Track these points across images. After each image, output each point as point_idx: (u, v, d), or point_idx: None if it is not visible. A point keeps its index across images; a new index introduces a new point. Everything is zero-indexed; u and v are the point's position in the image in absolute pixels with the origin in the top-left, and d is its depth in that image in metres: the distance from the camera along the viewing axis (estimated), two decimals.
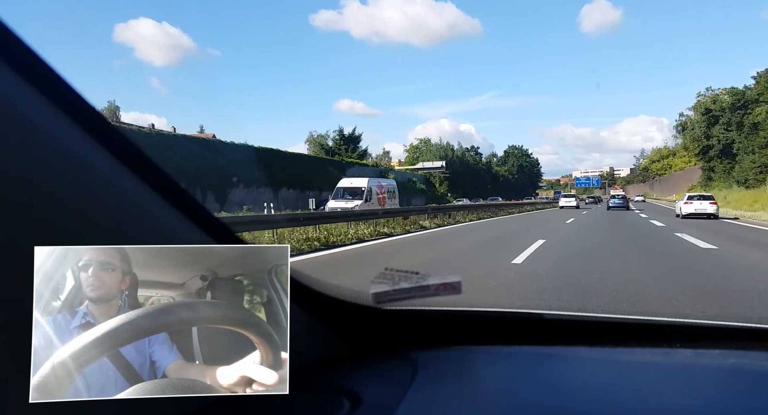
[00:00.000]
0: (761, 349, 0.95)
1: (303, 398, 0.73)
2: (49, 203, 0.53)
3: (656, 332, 1.03)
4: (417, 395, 0.76)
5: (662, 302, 4.76)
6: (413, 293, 0.88)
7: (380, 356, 0.94)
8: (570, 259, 8.32)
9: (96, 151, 0.58)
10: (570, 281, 5.88)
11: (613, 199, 35.31)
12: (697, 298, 4.95)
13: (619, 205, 33.10)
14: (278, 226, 10.73)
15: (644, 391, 0.78)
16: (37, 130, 0.52)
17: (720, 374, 0.86)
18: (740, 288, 5.58)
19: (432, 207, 22.58)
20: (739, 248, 9.92)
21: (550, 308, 1.13)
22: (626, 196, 39.26)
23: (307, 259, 8.47)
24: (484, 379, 0.88)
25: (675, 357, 0.93)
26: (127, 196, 0.61)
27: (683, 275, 6.51)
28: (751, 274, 6.80)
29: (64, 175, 0.54)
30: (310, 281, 0.86)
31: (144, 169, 0.62)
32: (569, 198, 41.92)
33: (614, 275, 6.49)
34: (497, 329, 1.05)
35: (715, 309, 4.50)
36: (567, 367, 0.92)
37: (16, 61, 0.52)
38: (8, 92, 0.51)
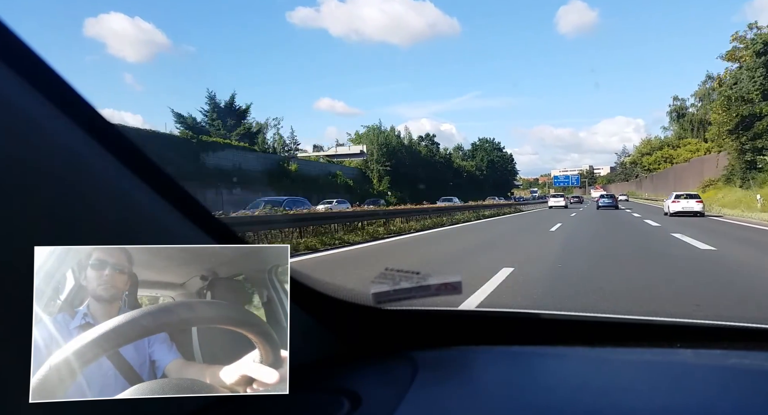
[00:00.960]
0: (761, 349, 0.95)
1: (303, 398, 0.73)
2: (49, 203, 0.53)
3: (656, 332, 1.03)
4: (417, 395, 0.76)
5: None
6: (413, 293, 0.88)
7: (380, 356, 0.94)
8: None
9: (96, 151, 0.58)
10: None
11: (602, 198, 36.15)
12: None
13: (609, 205, 34.33)
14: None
15: (644, 391, 0.78)
16: (37, 130, 0.52)
17: (720, 375, 0.86)
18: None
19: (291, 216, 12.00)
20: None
21: (550, 308, 1.13)
22: (615, 195, 39.96)
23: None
24: (484, 379, 0.88)
25: (675, 357, 0.93)
26: (127, 196, 0.61)
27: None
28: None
29: (64, 175, 0.54)
30: (310, 281, 0.86)
31: (144, 169, 0.62)
32: (558, 198, 42.13)
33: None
34: (497, 329, 1.05)
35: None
36: (567, 367, 0.92)
37: (16, 61, 0.52)
38: (8, 92, 0.51)
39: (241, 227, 9.19)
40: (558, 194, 46.23)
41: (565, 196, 47.10)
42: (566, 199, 44.59)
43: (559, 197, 42.43)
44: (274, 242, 10.28)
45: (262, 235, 10.18)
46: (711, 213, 24.60)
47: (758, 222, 18.36)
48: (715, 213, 25.16)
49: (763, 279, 6.17)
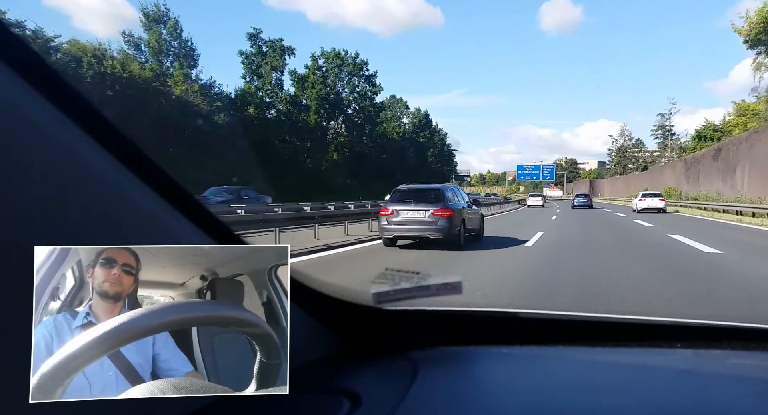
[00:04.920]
0: (761, 349, 0.95)
1: (303, 398, 0.73)
2: (49, 203, 0.53)
3: (656, 332, 1.03)
4: (417, 395, 0.76)
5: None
6: (413, 293, 0.88)
7: (380, 356, 0.94)
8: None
9: (96, 151, 0.58)
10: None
11: (577, 198, 37.33)
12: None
13: (583, 204, 35.36)
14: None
15: (644, 391, 0.78)
16: (37, 130, 0.52)
17: (720, 374, 0.86)
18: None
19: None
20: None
21: (550, 308, 1.13)
22: (589, 195, 41.07)
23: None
24: (483, 379, 0.88)
25: (675, 357, 0.93)
26: (127, 196, 0.61)
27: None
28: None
29: (64, 175, 0.54)
30: (310, 281, 0.86)
31: (144, 169, 0.62)
32: (536, 197, 42.97)
33: None
34: (497, 329, 1.05)
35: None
36: (567, 367, 0.92)
37: (16, 61, 0.52)
38: (8, 92, 0.51)
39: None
40: (537, 194, 46.61)
41: (544, 196, 46.60)
42: (544, 199, 44.30)
43: (537, 197, 42.87)
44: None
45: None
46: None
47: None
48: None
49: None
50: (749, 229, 15.72)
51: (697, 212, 27.16)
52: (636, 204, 28.84)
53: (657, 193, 29.97)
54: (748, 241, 11.58)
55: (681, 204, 33.29)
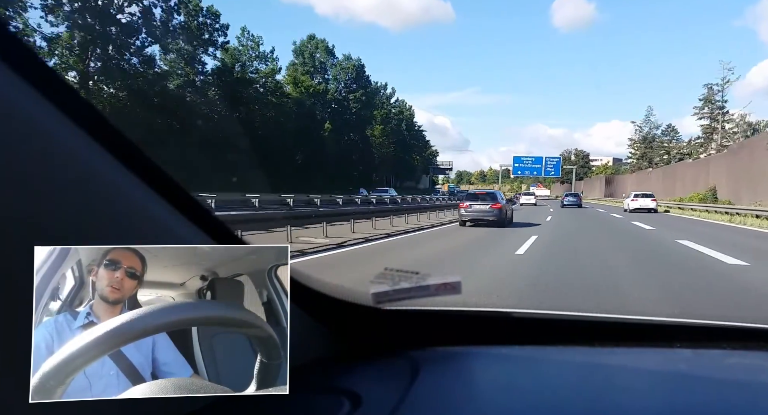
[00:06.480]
0: (761, 349, 0.95)
1: (303, 398, 0.73)
2: (49, 203, 0.53)
3: (656, 332, 1.03)
4: (417, 395, 0.76)
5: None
6: (413, 293, 0.88)
7: (380, 355, 0.93)
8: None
9: (96, 151, 0.58)
10: None
11: (567, 197, 37.55)
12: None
13: (573, 204, 35.69)
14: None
15: (644, 391, 0.78)
16: (37, 130, 0.52)
17: (720, 374, 0.86)
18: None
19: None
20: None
21: (550, 308, 1.13)
22: (579, 195, 40.98)
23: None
24: (483, 379, 0.88)
25: (675, 357, 0.93)
26: (127, 196, 0.61)
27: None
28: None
29: (64, 175, 0.54)
30: (310, 281, 0.86)
31: (144, 169, 0.62)
32: (529, 196, 43.23)
33: None
34: (497, 329, 1.05)
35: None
36: (567, 367, 0.92)
37: (16, 61, 0.52)
38: (8, 92, 0.51)
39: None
40: (528, 193, 47.09)
41: (536, 195, 46.51)
42: (536, 198, 44.38)
43: (529, 195, 43.11)
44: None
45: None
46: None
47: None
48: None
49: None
50: (751, 231, 15.51)
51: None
52: (628, 204, 30.19)
53: (649, 194, 31.31)
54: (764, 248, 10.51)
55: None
